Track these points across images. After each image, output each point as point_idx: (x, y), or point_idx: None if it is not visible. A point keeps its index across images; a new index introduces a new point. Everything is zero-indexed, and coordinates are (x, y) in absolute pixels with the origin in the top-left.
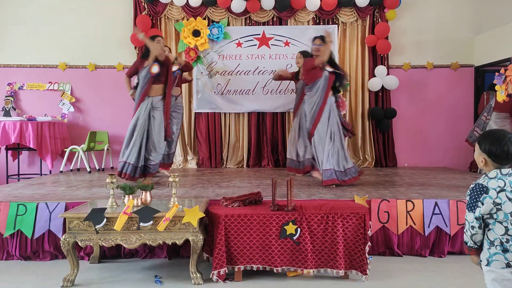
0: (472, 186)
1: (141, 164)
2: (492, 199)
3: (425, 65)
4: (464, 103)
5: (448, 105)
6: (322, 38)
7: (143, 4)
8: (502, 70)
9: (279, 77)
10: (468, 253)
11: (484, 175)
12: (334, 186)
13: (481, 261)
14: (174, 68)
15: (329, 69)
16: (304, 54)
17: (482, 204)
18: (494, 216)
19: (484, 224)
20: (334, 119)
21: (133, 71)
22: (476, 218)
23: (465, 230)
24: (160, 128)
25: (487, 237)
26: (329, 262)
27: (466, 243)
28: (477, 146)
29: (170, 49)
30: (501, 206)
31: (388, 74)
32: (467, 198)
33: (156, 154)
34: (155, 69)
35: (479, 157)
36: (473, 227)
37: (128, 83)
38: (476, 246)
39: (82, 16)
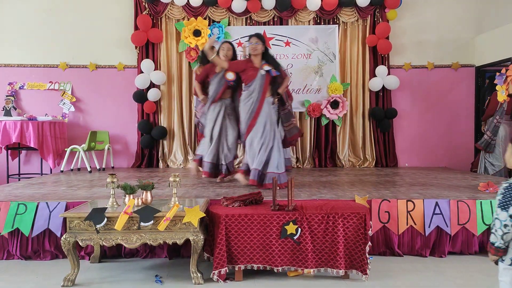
0: (505, 185)
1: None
2: None
3: (426, 65)
4: (465, 103)
5: (449, 105)
6: (258, 36)
7: (143, 3)
8: (503, 70)
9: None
10: (495, 254)
11: None
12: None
13: (503, 260)
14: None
15: (266, 68)
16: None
17: None
18: None
19: None
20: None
21: (204, 77)
22: (510, 216)
23: (493, 230)
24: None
25: None
26: (330, 262)
27: (494, 244)
28: (510, 146)
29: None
30: None
31: (388, 74)
32: (499, 197)
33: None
34: (231, 75)
35: (511, 157)
36: (506, 226)
37: (199, 88)
38: (504, 247)
39: (83, 15)
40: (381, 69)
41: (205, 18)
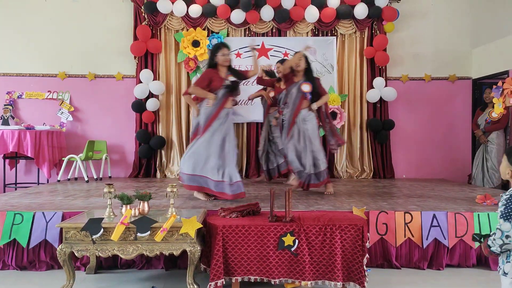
0: (506, 196)
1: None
2: None
3: (423, 77)
4: (462, 115)
5: (446, 117)
6: (228, 47)
7: (143, 14)
8: (499, 83)
9: (261, 81)
10: (488, 255)
11: None
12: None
13: (506, 273)
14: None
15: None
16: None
17: None
18: None
19: None
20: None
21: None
22: None
23: (493, 238)
24: None
25: None
26: (327, 274)
27: (490, 247)
28: (505, 158)
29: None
30: None
31: (386, 85)
32: (502, 208)
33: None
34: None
35: (507, 168)
36: (507, 237)
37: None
38: (498, 252)
39: (82, 25)
40: (378, 81)
41: (204, 29)
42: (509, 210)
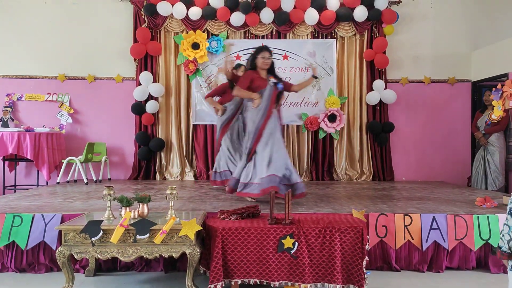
0: None
1: None
2: None
3: (423, 79)
4: (462, 118)
5: (446, 120)
6: (269, 50)
7: (143, 16)
8: (499, 86)
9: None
10: (500, 257)
11: None
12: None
13: None
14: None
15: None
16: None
17: None
18: None
19: None
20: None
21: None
22: None
23: (502, 235)
24: None
25: None
26: (327, 277)
27: (500, 248)
28: None
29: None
30: None
31: (386, 88)
32: (510, 205)
33: None
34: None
35: None
36: None
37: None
38: (510, 252)
39: (82, 27)
40: (378, 83)
41: (203, 31)
42: None
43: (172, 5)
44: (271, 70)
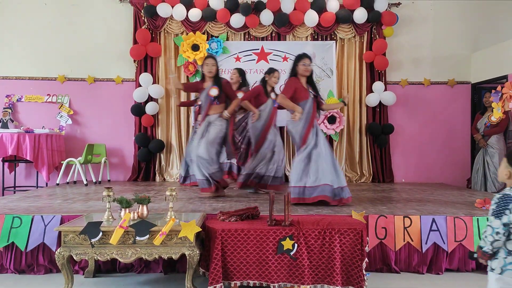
0: (499, 196)
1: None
2: None
3: (422, 81)
4: (461, 120)
5: (445, 122)
6: (309, 57)
7: (143, 18)
8: (498, 88)
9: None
10: (480, 257)
11: (510, 188)
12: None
13: (493, 269)
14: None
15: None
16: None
17: (510, 212)
18: None
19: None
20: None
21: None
22: (504, 224)
23: (484, 236)
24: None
25: (505, 246)
26: (326, 278)
27: (482, 248)
28: (504, 160)
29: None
30: None
31: (385, 90)
32: (493, 206)
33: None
34: (214, 92)
35: (505, 170)
36: (497, 233)
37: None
38: (491, 252)
39: (82, 29)
40: (378, 85)
41: (203, 33)
42: (500, 209)
43: (172, 7)
44: (309, 79)
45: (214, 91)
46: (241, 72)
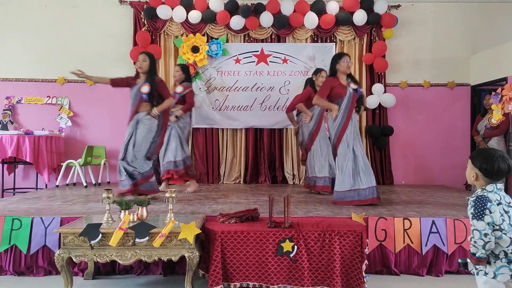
0: (473, 198)
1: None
2: (497, 208)
3: (422, 83)
4: (461, 122)
5: (445, 123)
6: (348, 55)
7: (143, 20)
8: (498, 90)
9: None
10: (477, 264)
11: (481, 189)
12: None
13: (486, 273)
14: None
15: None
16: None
17: (490, 212)
18: (502, 226)
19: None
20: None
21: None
22: (488, 224)
23: (473, 242)
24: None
25: (492, 251)
26: (326, 280)
27: (474, 254)
28: (469, 162)
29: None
30: (503, 217)
31: (385, 92)
32: (471, 210)
33: None
34: (145, 89)
35: (471, 171)
36: (486, 235)
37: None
38: (486, 256)
39: (82, 31)
40: (377, 87)
41: (203, 35)
42: (479, 210)
43: (172, 9)
44: (350, 74)
45: (145, 88)
46: (184, 68)
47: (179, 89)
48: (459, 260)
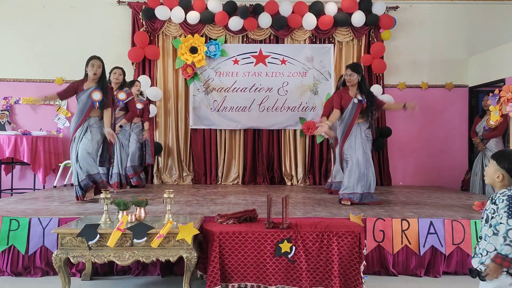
0: (505, 197)
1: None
2: None
3: (420, 84)
4: (459, 123)
5: (443, 125)
6: (349, 67)
7: (141, 20)
8: (496, 91)
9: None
10: (508, 266)
11: (508, 189)
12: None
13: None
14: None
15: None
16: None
17: None
18: None
19: None
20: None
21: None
22: None
23: (508, 241)
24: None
25: None
26: (324, 281)
27: (508, 256)
28: (494, 162)
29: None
30: None
31: (383, 93)
32: (505, 208)
33: None
34: (97, 95)
35: (496, 172)
36: None
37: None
38: None
39: (80, 31)
40: (375, 88)
41: (202, 36)
42: None
43: (170, 10)
44: (360, 86)
45: (97, 95)
46: (124, 73)
47: (122, 95)
48: (473, 271)
